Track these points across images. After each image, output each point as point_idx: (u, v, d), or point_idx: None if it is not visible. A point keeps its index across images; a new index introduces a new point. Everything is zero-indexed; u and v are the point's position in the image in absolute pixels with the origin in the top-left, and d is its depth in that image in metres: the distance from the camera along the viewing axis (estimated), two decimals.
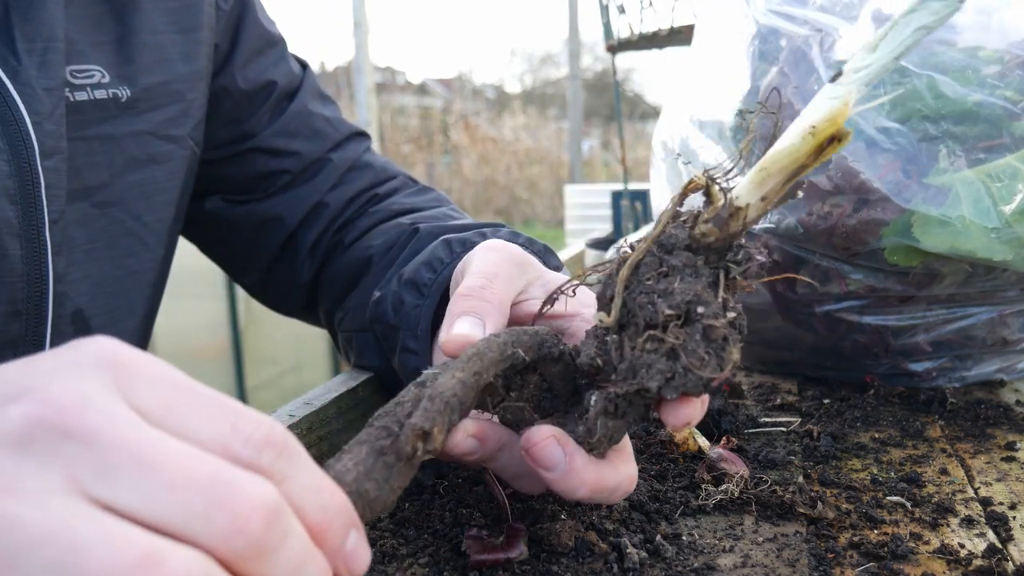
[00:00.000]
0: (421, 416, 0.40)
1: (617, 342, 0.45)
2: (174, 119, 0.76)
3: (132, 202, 0.74)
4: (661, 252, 0.45)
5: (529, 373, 0.49)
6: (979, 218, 0.73)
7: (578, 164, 6.59)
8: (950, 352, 0.84)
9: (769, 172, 0.44)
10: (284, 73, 0.87)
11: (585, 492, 0.47)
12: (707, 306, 0.43)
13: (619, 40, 2.27)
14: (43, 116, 0.63)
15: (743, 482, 0.60)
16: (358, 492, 0.38)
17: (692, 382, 0.43)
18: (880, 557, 0.52)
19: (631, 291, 0.45)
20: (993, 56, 0.77)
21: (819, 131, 0.42)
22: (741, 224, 0.44)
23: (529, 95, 14.43)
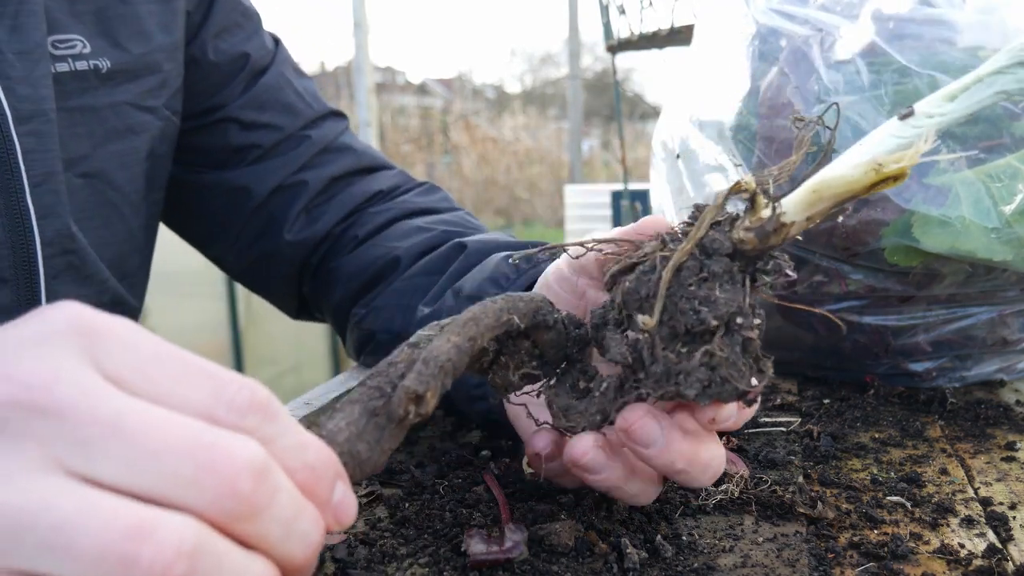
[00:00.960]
0: (415, 379, 0.40)
1: (649, 342, 0.45)
2: (152, 90, 0.76)
3: (112, 173, 0.74)
4: (702, 256, 0.45)
5: (521, 339, 0.49)
6: (979, 218, 0.73)
7: (578, 164, 6.59)
8: (950, 352, 0.84)
9: (821, 195, 0.43)
10: (257, 47, 0.87)
11: (683, 464, 0.47)
12: (746, 317, 0.44)
13: (619, 40, 2.28)
14: (15, 81, 0.62)
15: (743, 482, 0.60)
16: (350, 452, 0.38)
17: (728, 392, 0.44)
18: (880, 557, 0.52)
19: (671, 293, 0.45)
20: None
21: (884, 170, 0.42)
22: (782, 239, 0.44)
23: (529, 95, 14.43)
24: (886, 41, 0.78)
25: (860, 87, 0.78)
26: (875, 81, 0.78)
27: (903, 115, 0.43)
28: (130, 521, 0.28)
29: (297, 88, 0.89)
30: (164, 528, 0.28)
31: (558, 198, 7.96)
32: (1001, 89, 0.43)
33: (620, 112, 2.66)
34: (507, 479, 0.61)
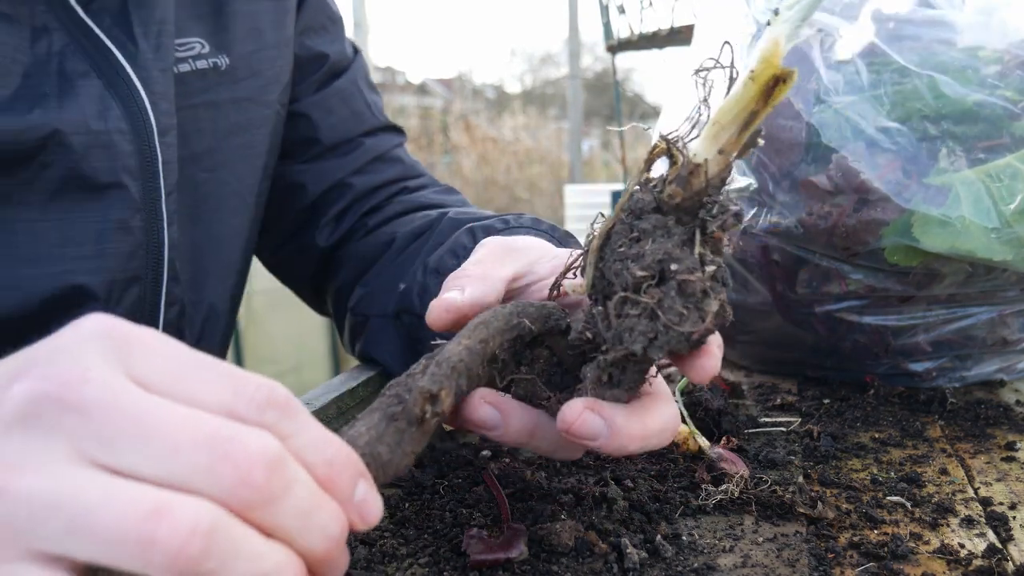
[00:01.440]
0: (428, 379, 0.41)
1: (602, 312, 0.45)
2: (267, 85, 0.79)
3: (235, 165, 0.78)
4: (631, 219, 0.46)
5: (539, 347, 0.50)
6: (979, 218, 0.73)
7: (578, 164, 6.59)
8: (950, 352, 0.84)
9: (721, 124, 0.43)
10: (337, 51, 0.90)
11: (636, 446, 0.47)
12: (679, 262, 0.43)
13: (619, 40, 2.28)
14: (159, 96, 0.66)
15: (743, 482, 0.60)
16: (371, 454, 0.39)
17: (675, 339, 0.43)
18: (880, 557, 0.52)
19: (606, 260, 0.45)
20: (993, 56, 0.77)
21: (758, 74, 0.42)
22: (704, 180, 0.44)
23: (529, 95, 14.43)
24: (885, 42, 0.79)
25: (860, 87, 0.78)
26: (875, 81, 0.78)
27: (769, 20, 0.43)
28: (149, 504, 0.29)
29: (367, 98, 0.92)
30: (181, 509, 0.30)
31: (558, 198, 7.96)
32: None
33: (620, 112, 2.66)
34: (507, 479, 0.61)
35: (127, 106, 0.64)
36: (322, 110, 0.88)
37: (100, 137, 0.62)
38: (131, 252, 0.66)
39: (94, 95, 0.62)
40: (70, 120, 0.60)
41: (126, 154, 0.64)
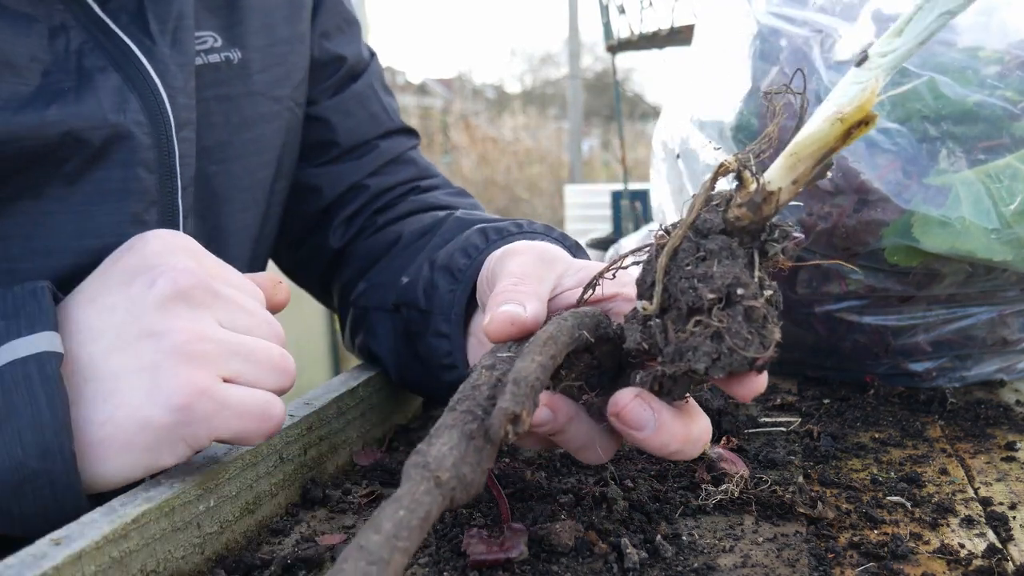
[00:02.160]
0: (511, 400, 0.41)
1: (661, 326, 0.46)
2: (278, 80, 0.80)
3: (247, 159, 0.78)
4: (697, 237, 0.47)
5: (582, 352, 0.50)
6: (979, 219, 0.73)
7: (578, 164, 6.58)
8: (950, 352, 0.84)
9: (799, 157, 0.45)
10: (354, 53, 0.91)
11: (677, 445, 0.48)
12: (746, 288, 0.45)
13: (619, 40, 2.28)
14: (177, 90, 0.66)
15: (743, 482, 0.60)
16: (458, 476, 0.39)
17: (738, 362, 0.44)
18: (880, 557, 0.52)
19: (671, 276, 0.46)
20: (993, 56, 0.77)
21: (847, 117, 0.43)
22: (774, 208, 0.45)
23: (529, 95, 14.42)
24: None
25: None
26: None
27: (859, 61, 0.44)
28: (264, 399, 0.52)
29: (383, 101, 0.93)
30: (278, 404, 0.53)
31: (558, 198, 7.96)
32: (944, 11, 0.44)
33: (620, 112, 2.66)
34: (507, 479, 0.61)
35: (145, 100, 0.64)
36: (340, 113, 0.89)
37: (118, 129, 0.62)
38: None
39: (112, 88, 0.62)
40: (88, 114, 0.60)
41: (144, 147, 0.64)
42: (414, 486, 0.37)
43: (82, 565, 0.41)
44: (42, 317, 0.49)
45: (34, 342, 0.48)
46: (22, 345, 0.48)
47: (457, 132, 10.79)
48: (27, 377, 0.47)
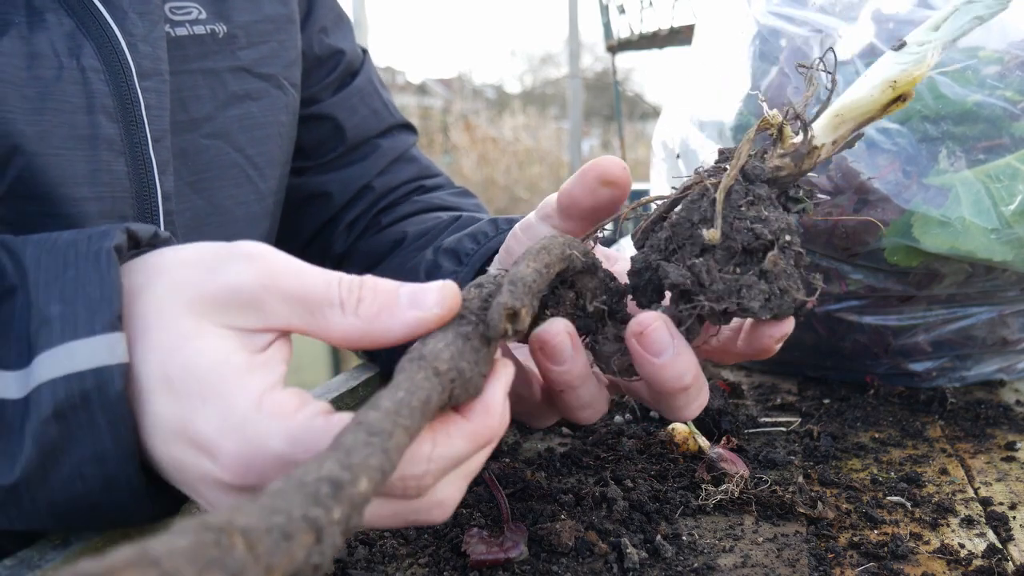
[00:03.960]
0: (509, 296, 0.40)
1: (707, 264, 0.47)
2: (265, 57, 0.79)
3: (235, 135, 0.77)
4: (746, 182, 0.48)
5: (566, 289, 0.50)
6: (979, 219, 0.73)
7: (578, 164, 6.59)
8: (950, 352, 0.84)
9: (844, 119, 0.49)
10: (351, 47, 0.91)
11: (691, 378, 0.48)
12: (794, 235, 0.47)
13: (619, 40, 2.28)
14: (137, 38, 0.65)
15: (743, 482, 0.60)
16: (456, 369, 0.39)
17: (786, 305, 0.47)
18: (880, 557, 0.52)
19: (724, 215, 0.47)
20: (993, 56, 0.77)
21: (899, 87, 0.48)
22: (814, 162, 0.48)
23: (529, 95, 14.42)
24: (885, 42, 0.78)
25: None
26: None
27: (897, 47, 0.49)
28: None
29: (383, 96, 0.93)
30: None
31: None
32: (976, 15, 0.49)
33: (620, 112, 2.66)
34: (507, 479, 0.61)
35: (100, 45, 0.62)
36: (345, 110, 0.89)
37: (73, 74, 0.60)
38: (119, 198, 0.64)
39: (64, 32, 0.61)
40: (40, 52, 0.59)
41: (101, 94, 0.62)
42: (412, 373, 0.37)
43: None
44: (104, 305, 0.40)
45: (93, 350, 0.40)
46: (81, 351, 0.40)
47: (457, 132, 10.79)
48: (85, 398, 0.40)
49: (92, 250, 0.42)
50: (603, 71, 10.32)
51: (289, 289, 0.41)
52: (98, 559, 0.22)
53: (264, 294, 0.40)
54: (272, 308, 0.41)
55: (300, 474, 0.29)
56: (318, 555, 0.27)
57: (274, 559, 0.26)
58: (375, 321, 0.41)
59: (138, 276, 0.42)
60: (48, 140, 0.60)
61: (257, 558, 0.25)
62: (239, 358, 0.40)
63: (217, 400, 0.38)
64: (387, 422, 0.33)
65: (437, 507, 0.41)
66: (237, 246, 0.42)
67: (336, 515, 0.28)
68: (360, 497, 0.30)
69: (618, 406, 0.80)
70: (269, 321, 0.41)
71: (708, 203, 0.48)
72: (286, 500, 0.27)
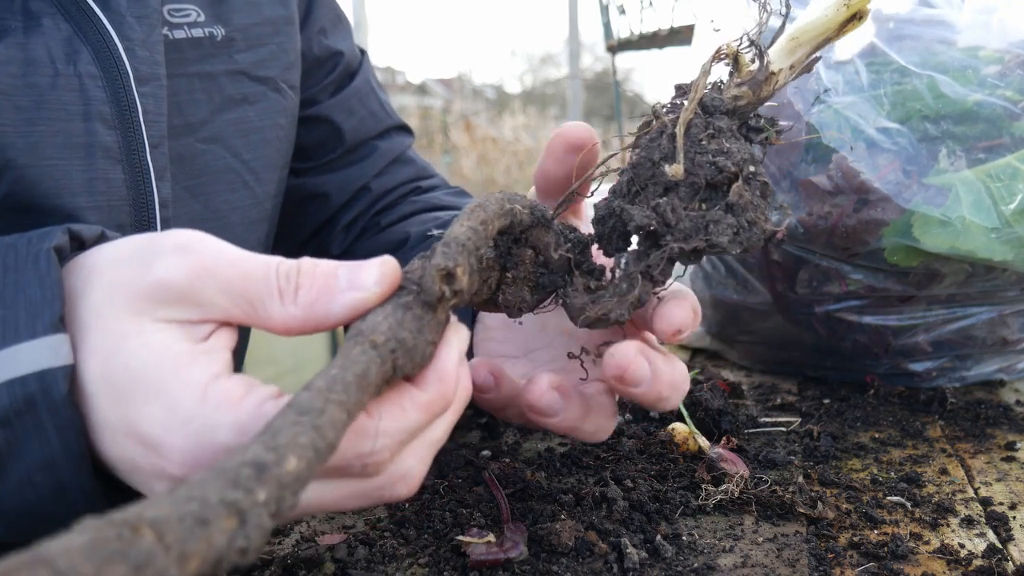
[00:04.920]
0: (441, 257, 0.40)
1: (671, 203, 0.46)
2: (263, 60, 0.78)
3: (231, 140, 0.76)
4: (705, 115, 0.47)
5: (522, 247, 0.49)
6: (979, 218, 0.73)
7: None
8: (950, 352, 0.84)
9: (800, 41, 0.48)
10: (349, 48, 0.90)
11: (668, 391, 0.48)
12: (757, 165, 0.46)
13: (619, 40, 2.28)
14: (135, 43, 0.64)
15: (743, 482, 0.60)
16: (396, 339, 0.38)
17: (755, 236, 0.46)
18: (880, 557, 0.52)
19: (686, 151, 0.46)
20: (993, 56, 0.77)
21: (853, 4, 0.47)
22: (772, 89, 0.47)
23: (529, 95, 14.42)
24: (885, 42, 0.78)
25: (859, 87, 0.78)
26: (874, 81, 0.78)
27: None
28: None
29: (380, 98, 0.93)
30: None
31: None
32: None
33: (620, 112, 2.66)
34: (507, 479, 0.61)
35: (98, 51, 0.61)
36: (344, 112, 0.88)
37: (69, 80, 0.60)
38: (115, 207, 0.64)
39: (61, 37, 0.60)
40: (36, 58, 0.58)
41: (99, 100, 0.61)
42: (348, 350, 0.36)
43: None
44: (44, 308, 0.40)
45: (36, 352, 0.39)
46: (24, 354, 0.39)
47: (457, 132, 10.79)
48: (30, 402, 0.39)
49: (32, 252, 0.41)
50: (603, 71, 10.32)
51: (226, 280, 0.40)
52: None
53: (200, 286, 0.39)
54: (210, 300, 0.40)
55: (223, 461, 0.29)
56: (243, 539, 0.27)
57: (188, 546, 0.25)
58: (315, 307, 0.40)
59: (78, 277, 0.42)
60: (42, 150, 0.59)
61: (167, 547, 0.25)
62: (179, 349, 0.39)
63: (160, 397, 0.38)
64: (318, 400, 0.33)
65: (401, 481, 0.41)
66: (169, 236, 0.41)
67: (260, 497, 0.28)
68: (289, 476, 0.29)
69: (618, 406, 0.80)
70: (208, 313, 0.40)
71: (667, 139, 0.47)
72: (203, 488, 0.27)
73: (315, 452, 0.31)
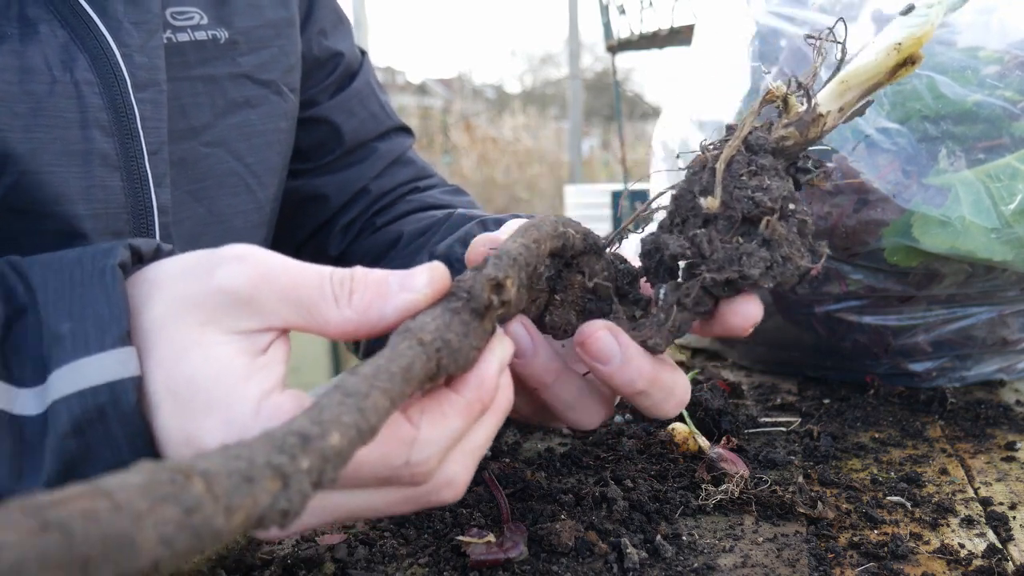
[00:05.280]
0: (492, 267, 0.41)
1: (707, 235, 0.47)
2: (265, 63, 0.78)
3: (233, 143, 0.76)
4: (749, 153, 0.48)
5: (572, 273, 0.50)
6: (979, 218, 0.73)
7: (578, 164, 6.58)
8: (950, 352, 0.84)
9: (849, 85, 0.48)
10: (350, 49, 0.90)
11: (644, 384, 0.48)
12: (798, 203, 0.47)
13: (619, 40, 2.28)
14: (133, 49, 0.64)
15: (743, 482, 0.60)
16: (442, 339, 0.39)
17: (789, 271, 0.46)
18: (880, 557, 0.52)
19: (725, 185, 0.47)
20: (993, 56, 0.77)
21: (904, 49, 0.47)
22: (819, 131, 0.48)
23: (529, 95, 14.41)
24: None
25: None
26: None
27: (905, 11, 0.49)
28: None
29: (380, 99, 0.93)
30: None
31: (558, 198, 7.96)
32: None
33: (620, 112, 2.66)
34: (507, 479, 0.61)
35: (95, 57, 0.61)
36: (344, 113, 0.88)
37: (66, 88, 0.59)
38: (113, 214, 0.63)
39: (58, 44, 0.60)
40: (32, 65, 0.58)
41: (96, 107, 0.61)
42: (396, 343, 0.38)
43: None
44: (112, 323, 0.41)
45: (106, 364, 0.41)
46: (94, 366, 0.41)
47: (457, 132, 10.79)
48: (101, 412, 0.40)
49: (97, 268, 0.43)
50: (603, 71, 10.32)
51: (282, 287, 0.41)
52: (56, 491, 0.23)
53: (259, 293, 0.40)
54: (269, 307, 0.41)
55: (270, 431, 0.30)
56: (285, 501, 0.28)
57: (234, 500, 0.26)
58: (369, 310, 0.41)
59: (140, 291, 0.43)
60: (40, 157, 0.59)
61: (216, 497, 0.26)
62: (239, 363, 0.40)
63: (219, 410, 0.39)
64: (363, 384, 0.34)
65: (447, 487, 0.42)
66: (227, 249, 0.43)
67: (304, 465, 0.29)
68: (331, 450, 0.30)
69: (618, 406, 0.80)
70: (267, 320, 0.41)
71: (708, 173, 0.48)
72: (251, 449, 0.28)
73: (357, 432, 0.32)
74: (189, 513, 0.25)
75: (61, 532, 0.22)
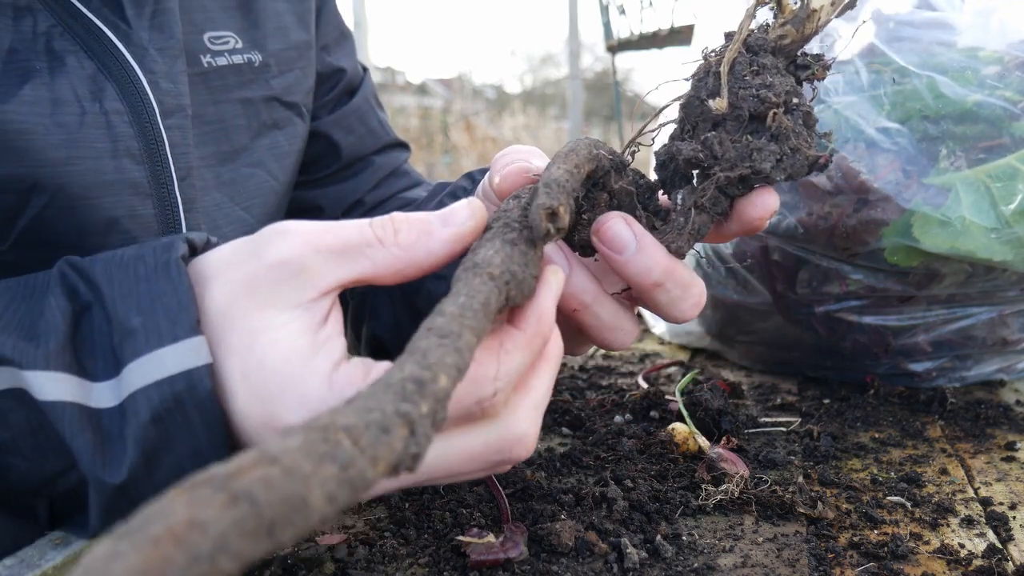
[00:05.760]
0: (546, 197, 0.42)
1: (717, 136, 0.48)
2: (291, 86, 0.79)
3: (269, 163, 0.77)
4: (749, 53, 0.50)
5: (599, 191, 0.51)
6: (979, 218, 0.73)
7: None
8: (950, 352, 0.84)
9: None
10: (352, 66, 0.91)
11: (659, 273, 0.48)
12: (801, 96, 0.48)
13: (619, 40, 2.28)
14: (159, 75, 0.64)
15: (743, 482, 0.60)
16: (509, 271, 0.41)
17: (799, 162, 0.48)
18: (880, 557, 0.52)
19: (730, 87, 0.49)
20: (993, 56, 0.77)
21: None
22: (815, 26, 0.49)
23: (529, 95, 14.41)
24: (885, 42, 0.79)
25: (859, 87, 0.78)
26: (874, 81, 0.78)
27: None
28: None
29: (379, 115, 0.93)
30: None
31: None
32: None
33: (620, 112, 2.66)
34: (507, 479, 0.61)
35: (123, 86, 0.62)
36: (342, 130, 0.89)
37: (96, 118, 0.60)
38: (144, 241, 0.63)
39: (85, 75, 0.60)
40: (62, 97, 0.58)
41: (126, 136, 0.61)
42: (469, 280, 0.39)
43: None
44: (182, 314, 0.42)
45: (180, 354, 0.42)
46: (168, 357, 0.42)
47: (457, 132, 10.79)
48: (178, 400, 0.42)
49: (161, 262, 0.44)
50: (603, 71, 10.33)
51: (328, 246, 0.42)
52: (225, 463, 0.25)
53: (308, 260, 0.42)
54: (320, 269, 0.42)
55: (385, 378, 0.31)
56: (415, 445, 0.30)
57: (378, 451, 0.28)
58: (416, 246, 0.43)
59: (195, 282, 0.44)
60: (70, 189, 0.59)
61: (363, 451, 0.27)
62: (303, 343, 0.41)
63: (293, 388, 0.40)
64: (454, 324, 0.35)
65: (518, 444, 0.43)
66: (268, 229, 0.44)
67: (424, 409, 0.31)
68: (442, 392, 0.32)
69: (618, 406, 0.80)
70: (321, 283, 0.42)
71: (713, 77, 0.50)
72: (378, 400, 0.30)
73: (457, 371, 0.34)
74: (345, 468, 0.26)
75: (248, 501, 0.24)
